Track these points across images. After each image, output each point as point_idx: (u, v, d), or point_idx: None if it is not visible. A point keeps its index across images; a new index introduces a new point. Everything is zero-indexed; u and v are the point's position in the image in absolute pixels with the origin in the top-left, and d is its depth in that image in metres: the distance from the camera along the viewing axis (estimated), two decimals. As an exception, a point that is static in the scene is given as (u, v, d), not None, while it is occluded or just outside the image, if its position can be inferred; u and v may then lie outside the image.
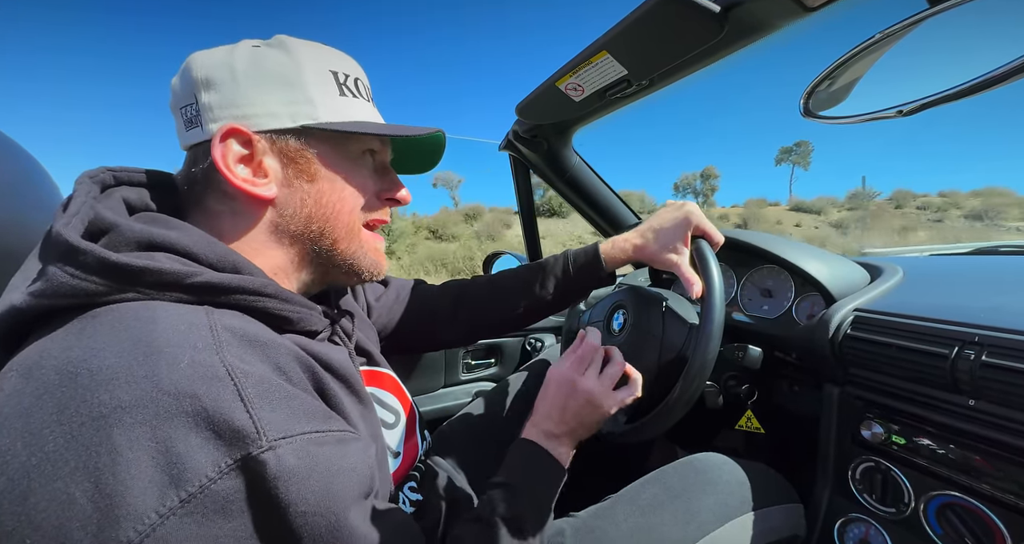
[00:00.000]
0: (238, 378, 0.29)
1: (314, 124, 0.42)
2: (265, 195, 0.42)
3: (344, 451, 0.33)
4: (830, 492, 0.65)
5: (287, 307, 0.41)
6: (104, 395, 0.26)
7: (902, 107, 0.44)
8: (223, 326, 0.33)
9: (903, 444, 0.57)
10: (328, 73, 0.44)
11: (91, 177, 0.40)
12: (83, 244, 0.32)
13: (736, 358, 0.71)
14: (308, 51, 0.43)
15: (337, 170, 0.45)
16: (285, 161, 0.43)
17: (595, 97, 0.76)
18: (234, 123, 0.40)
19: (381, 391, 0.59)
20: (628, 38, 0.61)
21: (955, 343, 0.51)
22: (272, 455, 0.28)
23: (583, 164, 1.13)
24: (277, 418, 0.30)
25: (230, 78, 0.41)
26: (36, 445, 0.26)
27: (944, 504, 0.53)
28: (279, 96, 0.42)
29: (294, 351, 0.37)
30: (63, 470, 0.25)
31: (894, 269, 0.75)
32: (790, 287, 0.79)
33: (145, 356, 0.28)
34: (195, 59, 0.42)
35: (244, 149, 0.41)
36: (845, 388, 0.64)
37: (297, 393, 0.33)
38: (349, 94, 0.45)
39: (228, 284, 0.36)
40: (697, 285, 0.62)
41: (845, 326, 0.63)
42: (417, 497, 0.59)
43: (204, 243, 0.38)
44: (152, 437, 0.26)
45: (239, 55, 0.41)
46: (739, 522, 0.58)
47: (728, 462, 0.64)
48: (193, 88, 0.41)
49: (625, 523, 0.58)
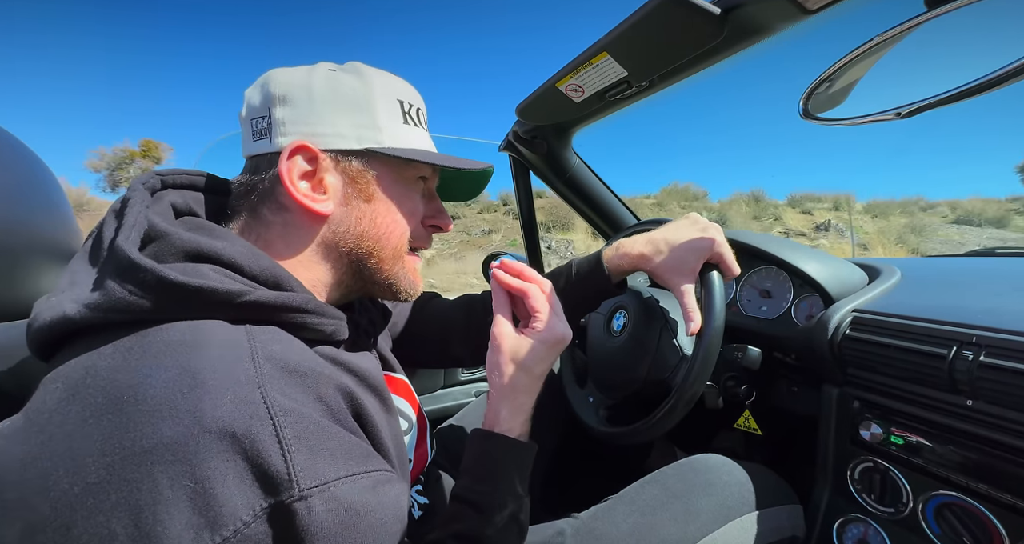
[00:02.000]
0: (278, 418, 0.29)
1: (378, 148, 0.44)
2: (322, 211, 0.43)
3: (379, 498, 0.33)
4: (829, 492, 0.65)
5: (324, 321, 0.42)
6: (148, 428, 0.27)
7: (900, 109, 0.44)
8: (266, 356, 0.33)
9: (901, 444, 0.57)
10: (396, 101, 0.46)
11: (143, 184, 0.41)
12: (144, 261, 0.32)
13: (735, 358, 0.72)
14: (380, 79, 0.46)
15: (393, 194, 0.47)
16: (346, 180, 0.44)
17: (595, 98, 0.76)
18: (303, 140, 0.42)
19: (397, 397, 0.59)
20: (628, 40, 0.61)
21: (953, 343, 0.52)
22: (303, 505, 0.28)
23: (583, 165, 1.13)
24: (313, 463, 0.30)
25: (306, 97, 0.43)
26: (80, 475, 0.26)
27: (942, 504, 0.53)
28: (349, 119, 0.44)
29: (334, 379, 0.37)
30: (105, 504, 0.26)
31: (892, 270, 0.75)
32: (789, 288, 0.79)
33: (190, 389, 0.28)
34: (275, 76, 0.44)
35: (308, 165, 0.43)
36: (844, 389, 0.65)
37: (336, 431, 0.33)
38: (411, 123, 0.47)
39: (273, 303, 0.37)
40: (695, 324, 0.58)
41: (844, 327, 0.63)
42: (424, 500, 0.59)
43: (249, 255, 0.39)
44: (192, 476, 0.26)
45: (317, 77, 0.44)
46: (738, 523, 0.58)
47: (727, 463, 0.64)
48: (269, 102, 0.43)
49: (625, 523, 0.58)
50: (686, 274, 0.60)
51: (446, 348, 0.76)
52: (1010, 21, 0.38)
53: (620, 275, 0.66)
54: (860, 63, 0.50)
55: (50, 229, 0.50)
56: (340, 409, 0.36)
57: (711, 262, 0.61)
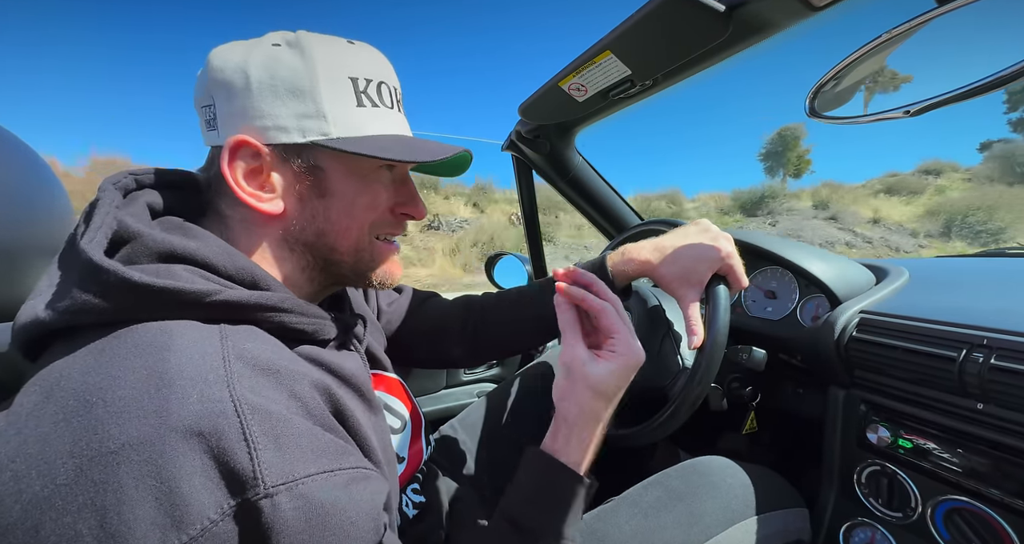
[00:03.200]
0: (245, 415, 0.29)
1: (324, 141, 0.40)
2: (270, 210, 0.41)
3: (351, 495, 0.32)
4: (835, 496, 0.64)
5: (303, 320, 0.41)
6: (115, 429, 0.27)
7: (909, 107, 0.44)
8: (236, 355, 0.32)
9: (910, 448, 0.56)
10: (346, 81, 0.41)
11: (114, 184, 0.40)
12: (106, 263, 0.32)
13: (740, 360, 0.71)
14: (326, 56, 0.40)
15: (347, 187, 0.44)
16: (296, 175, 0.42)
17: (598, 97, 0.76)
18: (244, 135, 0.39)
19: (388, 396, 0.58)
20: (632, 38, 0.61)
21: (963, 346, 0.51)
22: (268, 503, 0.28)
23: (586, 165, 1.12)
24: (281, 460, 0.29)
25: (243, 85, 0.39)
26: (49, 476, 0.26)
27: (952, 509, 0.52)
28: (291, 108, 0.40)
29: (311, 376, 0.36)
30: (72, 505, 0.25)
31: (899, 271, 0.74)
32: (794, 289, 0.79)
33: (157, 389, 0.28)
34: (215, 57, 0.40)
35: (253, 161, 0.40)
36: (851, 391, 0.64)
37: (309, 428, 0.32)
38: (368, 103, 0.42)
39: (247, 302, 0.36)
40: (697, 338, 0.56)
41: (850, 328, 0.62)
42: (420, 499, 0.59)
43: (224, 255, 0.38)
44: (157, 476, 0.26)
45: (255, 59, 0.39)
46: (743, 526, 0.58)
47: (731, 465, 0.64)
48: (212, 89, 0.40)
49: (628, 525, 0.58)
50: (693, 285, 0.58)
51: (442, 348, 0.74)
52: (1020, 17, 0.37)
53: (625, 281, 0.64)
54: (868, 60, 0.49)
55: (52, 229, 0.50)
56: (316, 405, 0.34)
57: (719, 274, 0.59)
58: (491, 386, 1.17)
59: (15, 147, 0.48)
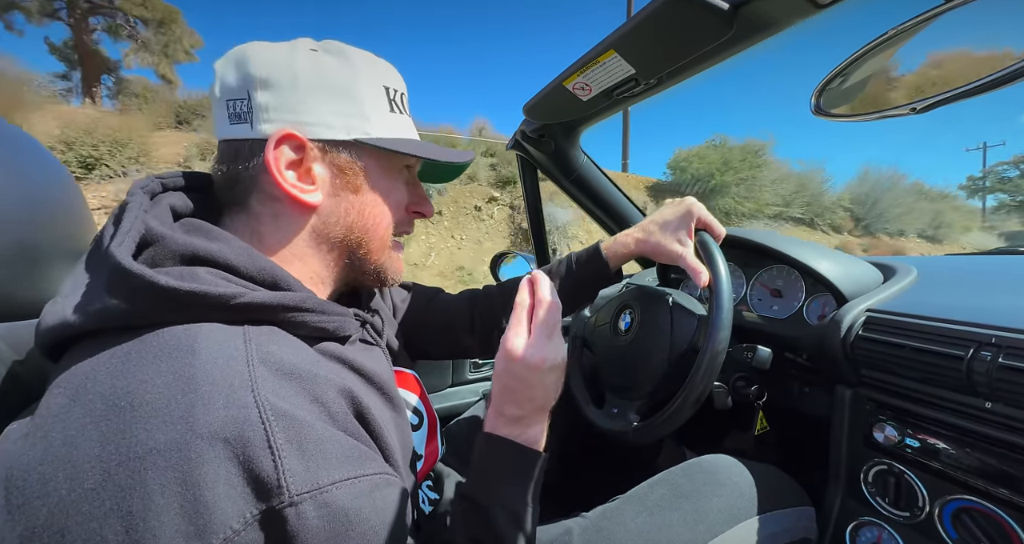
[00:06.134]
0: (269, 422, 0.29)
1: (367, 139, 0.43)
2: (311, 201, 0.43)
3: (375, 503, 0.32)
4: (842, 495, 0.64)
5: (324, 319, 0.41)
6: (143, 434, 0.27)
7: (915, 104, 0.43)
8: (260, 358, 0.33)
9: (917, 447, 0.56)
10: (381, 88, 0.45)
11: (142, 188, 0.41)
12: (135, 267, 0.32)
13: (745, 359, 0.71)
14: (365, 64, 0.44)
15: (380, 185, 0.47)
16: (334, 171, 0.44)
17: (603, 96, 0.76)
18: (289, 128, 0.41)
19: (407, 392, 0.59)
20: (636, 37, 0.61)
21: (971, 344, 0.50)
22: (293, 511, 0.28)
23: (591, 163, 1.12)
24: (305, 468, 0.29)
25: (290, 82, 0.41)
26: (77, 480, 0.26)
27: (960, 508, 0.52)
28: (336, 107, 0.42)
29: (333, 379, 0.36)
30: (99, 510, 0.26)
31: (908, 269, 0.73)
32: (801, 287, 0.78)
33: (183, 394, 0.28)
34: (254, 54, 0.41)
35: (295, 154, 0.42)
36: (857, 390, 0.63)
37: (332, 433, 0.33)
38: (397, 110, 0.47)
39: (270, 303, 0.36)
40: (704, 274, 0.62)
41: (857, 327, 0.62)
42: (435, 495, 0.59)
43: (245, 256, 0.38)
44: (182, 483, 0.26)
45: (300, 59, 0.42)
46: (748, 524, 0.58)
47: (737, 464, 0.64)
48: (249, 85, 0.41)
49: (633, 523, 0.58)
50: (680, 241, 0.65)
51: (455, 339, 0.76)
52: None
53: (617, 262, 0.71)
54: (874, 58, 0.49)
55: (69, 229, 0.51)
56: (339, 410, 0.35)
57: (698, 227, 0.66)
58: (496, 385, 1.17)
59: (31, 148, 0.49)
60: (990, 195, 34.55)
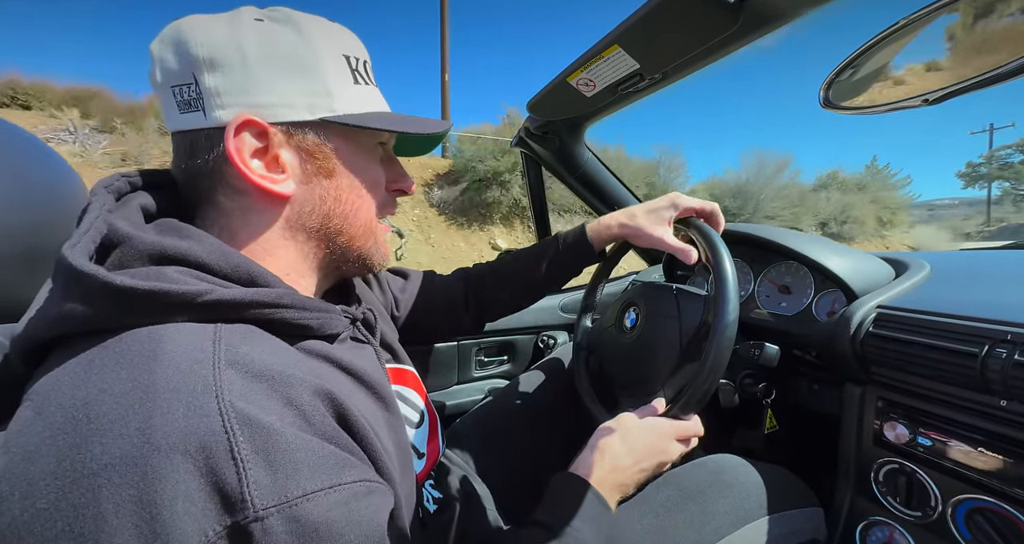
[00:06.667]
0: (233, 431, 0.27)
1: (333, 117, 0.40)
2: (282, 192, 0.40)
3: (350, 514, 0.30)
4: (851, 494, 0.63)
5: (305, 315, 0.38)
6: (97, 448, 0.25)
7: (928, 96, 0.42)
8: (228, 360, 0.30)
9: (929, 446, 0.55)
10: (341, 58, 0.41)
11: (105, 187, 0.38)
12: (87, 267, 0.30)
13: (752, 356, 0.70)
14: (319, 31, 0.40)
15: (354, 165, 0.43)
16: (303, 156, 0.40)
17: (607, 92, 0.75)
18: (247, 113, 0.37)
19: (406, 389, 0.58)
20: (640, 32, 0.60)
21: (985, 341, 0.49)
22: (259, 526, 0.26)
23: (595, 160, 1.12)
24: (273, 480, 0.27)
25: (239, 60, 0.37)
26: (30, 498, 0.25)
27: (974, 508, 0.51)
28: (296, 85, 0.38)
29: (311, 382, 0.33)
30: (50, 532, 0.24)
31: (920, 265, 0.72)
32: (809, 284, 0.77)
33: (140, 404, 0.26)
34: (191, 31, 0.37)
35: (258, 141, 0.38)
36: (867, 387, 0.62)
37: (305, 440, 0.30)
38: (362, 81, 0.43)
39: (241, 300, 0.34)
40: (692, 252, 0.63)
41: (867, 324, 0.61)
42: (438, 494, 0.59)
43: (218, 253, 0.36)
44: (138, 500, 0.24)
45: (246, 32, 0.37)
46: (756, 525, 0.57)
47: (744, 464, 0.63)
48: (193, 67, 0.37)
49: (639, 524, 0.58)
50: (662, 224, 0.67)
51: (454, 318, 0.78)
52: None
53: (601, 244, 0.73)
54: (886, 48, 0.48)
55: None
56: (315, 414, 0.32)
57: (684, 216, 0.68)
58: (502, 383, 1.17)
59: (37, 151, 0.50)
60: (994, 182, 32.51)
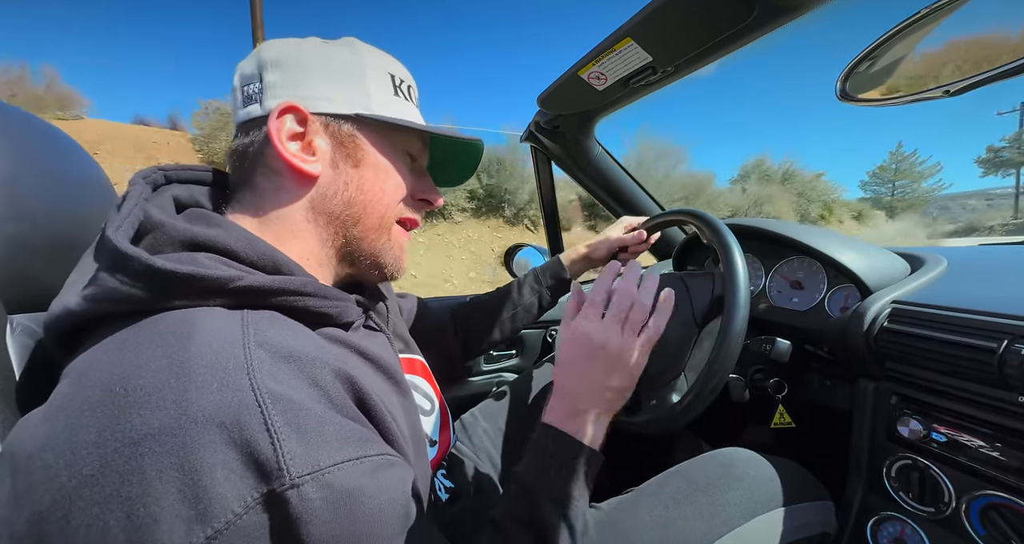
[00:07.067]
0: (266, 406, 0.29)
1: (368, 114, 0.45)
2: (311, 171, 0.44)
3: (379, 483, 0.32)
4: (863, 489, 0.63)
5: (326, 303, 0.41)
6: (137, 419, 0.27)
7: (949, 87, 0.42)
8: (257, 342, 0.32)
9: (944, 442, 0.55)
10: (386, 74, 0.47)
11: (144, 177, 0.42)
12: (131, 250, 0.33)
13: (763, 351, 0.70)
14: (371, 53, 0.47)
15: (381, 161, 0.47)
16: (335, 144, 0.45)
17: (618, 85, 0.75)
18: (293, 101, 0.42)
19: (417, 378, 0.59)
20: (653, 24, 0.60)
21: (1004, 336, 0.49)
22: (295, 493, 0.27)
23: (606, 155, 1.11)
24: (305, 450, 0.29)
25: (297, 62, 0.44)
26: (76, 466, 0.26)
27: (989, 505, 0.51)
28: (339, 85, 0.45)
29: (332, 363, 0.35)
30: (99, 496, 0.25)
31: (937, 260, 0.71)
32: (822, 279, 0.76)
33: (177, 378, 0.28)
34: (269, 44, 0.45)
35: (298, 127, 0.43)
36: (881, 383, 0.62)
37: (332, 417, 0.32)
38: (402, 97, 0.48)
39: (269, 287, 0.36)
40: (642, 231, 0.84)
41: (881, 319, 0.60)
42: (450, 484, 0.60)
43: (245, 241, 0.39)
44: (180, 467, 0.26)
45: (309, 45, 0.45)
46: (766, 518, 0.57)
47: (755, 457, 0.63)
48: (261, 68, 0.44)
49: (648, 516, 0.58)
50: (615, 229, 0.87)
51: (445, 346, 0.83)
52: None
53: (576, 275, 0.88)
54: (905, 39, 0.47)
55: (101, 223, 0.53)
56: (338, 395, 0.34)
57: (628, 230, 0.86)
58: (511, 376, 1.18)
59: (67, 147, 0.51)
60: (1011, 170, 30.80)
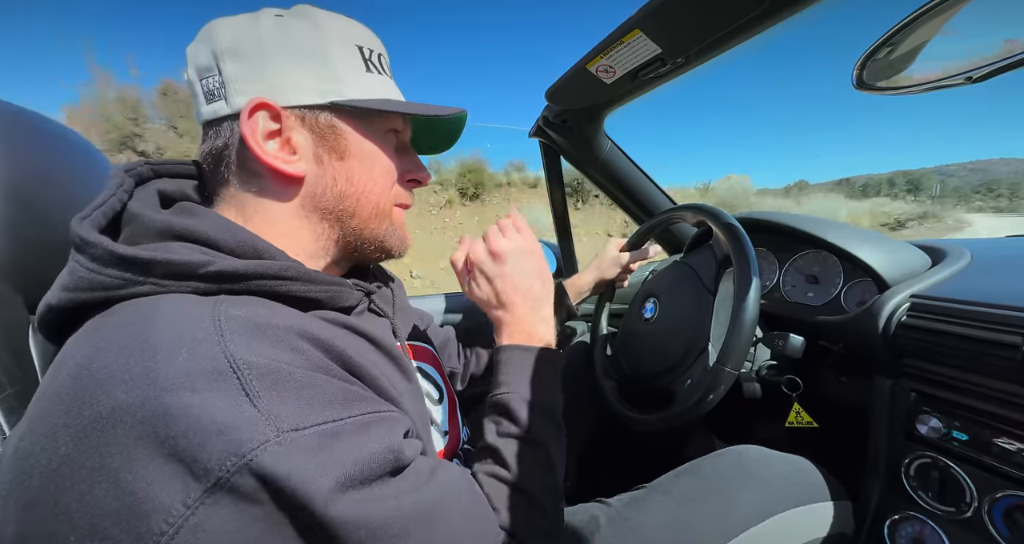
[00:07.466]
0: (241, 370, 0.28)
1: (343, 102, 0.41)
2: (295, 172, 0.41)
3: (364, 439, 0.31)
4: (881, 489, 0.62)
5: (312, 288, 0.39)
6: (102, 395, 0.26)
7: (971, 73, 0.40)
8: (228, 315, 0.31)
9: (965, 440, 0.53)
10: (354, 48, 0.43)
11: (126, 170, 0.40)
12: (93, 237, 0.32)
13: (776, 346, 0.68)
14: (333, 24, 0.43)
15: (365, 149, 0.45)
16: (315, 137, 0.42)
17: (627, 78, 0.74)
18: (261, 97, 0.39)
19: (425, 365, 0.59)
20: (662, 15, 0.59)
21: None
22: (283, 449, 0.27)
23: (616, 149, 1.10)
24: (287, 411, 0.28)
25: (256, 49, 0.40)
26: (52, 449, 0.26)
27: (1014, 506, 0.49)
28: (307, 70, 0.41)
29: (309, 331, 0.34)
30: (81, 472, 0.25)
31: (960, 252, 0.69)
32: (839, 273, 0.75)
33: (141, 351, 0.27)
34: (217, 27, 0.40)
35: (273, 123, 0.40)
36: (899, 380, 0.60)
37: (313, 378, 0.31)
38: (374, 70, 0.44)
39: (245, 271, 0.35)
40: None
41: (900, 314, 0.58)
42: None
43: (223, 229, 0.37)
44: (154, 435, 0.25)
45: (264, 24, 0.40)
46: (782, 518, 0.56)
47: (769, 455, 0.62)
48: (216, 58, 0.40)
49: (660, 514, 0.58)
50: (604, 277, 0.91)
51: (449, 363, 0.80)
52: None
53: (575, 293, 0.89)
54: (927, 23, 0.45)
55: None
56: (318, 359, 0.33)
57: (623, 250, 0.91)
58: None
59: (83, 149, 0.53)
60: None
